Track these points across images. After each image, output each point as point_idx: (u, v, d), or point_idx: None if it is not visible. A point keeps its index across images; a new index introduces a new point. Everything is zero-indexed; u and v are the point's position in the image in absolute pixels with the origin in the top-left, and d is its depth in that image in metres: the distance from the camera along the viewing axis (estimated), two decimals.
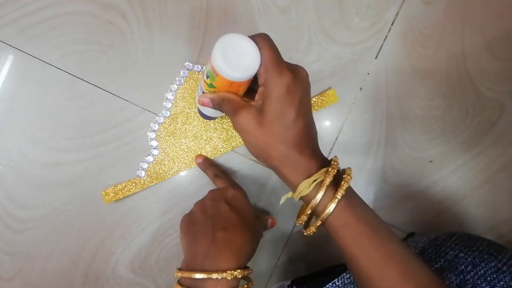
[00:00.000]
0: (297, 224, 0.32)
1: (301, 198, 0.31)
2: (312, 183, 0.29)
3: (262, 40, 0.30)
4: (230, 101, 0.32)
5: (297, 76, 0.30)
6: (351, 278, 0.40)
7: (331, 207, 0.29)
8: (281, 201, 0.33)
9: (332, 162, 0.30)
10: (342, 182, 0.29)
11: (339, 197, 0.29)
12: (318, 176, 0.29)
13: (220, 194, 0.38)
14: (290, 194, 0.32)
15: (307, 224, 0.32)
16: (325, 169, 0.30)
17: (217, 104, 0.33)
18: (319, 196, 0.29)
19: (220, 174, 0.44)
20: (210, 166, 0.46)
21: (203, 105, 0.34)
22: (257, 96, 0.31)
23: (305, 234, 0.31)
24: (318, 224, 0.30)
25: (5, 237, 0.46)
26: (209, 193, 0.40)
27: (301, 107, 0.30)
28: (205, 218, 0.36)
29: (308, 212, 0.30)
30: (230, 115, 0.32)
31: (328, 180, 0.29)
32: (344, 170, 0.31)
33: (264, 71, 0.30)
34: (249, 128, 0.30)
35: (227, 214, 0.36)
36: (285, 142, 0.30)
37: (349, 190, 0.31)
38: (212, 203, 0.37)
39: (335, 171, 0.29)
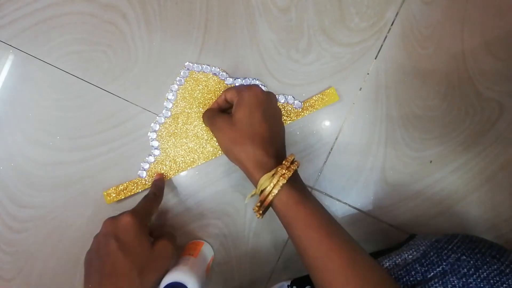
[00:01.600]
0: (253, 211, 0.36)
1: (261, 192, 0.34)
2: (272, 176, 0.34)
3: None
4: (208, 111, 0.43)
5: (265, 91, 0.39)
6: None
7: (275, 191, 0.33)
8: (246, 201, 0.40)
9: (287, 157, 0.35)
10: (286, 171, 0.33)
11: (281, 183, 0.33)
12: (275, 169, 0.34)
13: (112, 227, 0.38)
14: (253, 192, 0.36)
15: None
16: (282, 164, 0.34)
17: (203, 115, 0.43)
18: (272, 184, 0.33)
19: (149, 197, 0.43)
20: (156, 184, 0.45)
21: None
22: (232, 109, 0.39)
23: (257, 217, 0.36)
24: (266, 206, 0.34)
25: (5, 237, 0.46)
26: (104, 224, 0.39)
27: (266, 114, 0.37)
28: (95, 259, 0.37)
29: (261, 199, 0.34)
30: (209, 120, 0.40)
31: (280, 171, 0.33)
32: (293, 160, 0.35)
33: (237, 90, 0.39)
34: (223, 126, 0.38)
35: (115, 255, 0.36)
36: (252, 138, 0.36)
37: (302, 186, 0.37)
38: (104, 239, 0.37)
39: (288, 164, 0.34)
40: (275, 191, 0.33)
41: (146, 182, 0.46)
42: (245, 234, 0.50)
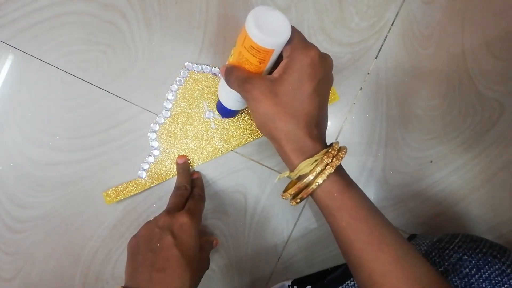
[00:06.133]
0: (282, 198, 0.32)
1: (298, 177, 0.31)
2: (314, 163, 0.29)
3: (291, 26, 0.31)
4: (241, 70, 0.32)
5: (323, 57, 0.31)
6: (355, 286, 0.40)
7: (319, 181, 0.29)
8: (276, 180, 0.35)
9: (333, 145, 0.30)
10: (334, 159, 0.29)
11: (328, 172, 0.29)
12: (320, 156, 0.29)
13: (169, 222, 0.37)
14: (287, 173, 0.32)
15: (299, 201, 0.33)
16: (325, 150, 0.30)
17: (230, 70, 0.32)
18: (315, 173, 0.29)
19: (183, 189, 0.43)
20: (183, 172, 0.45)
21: (222, 72, 0.34)
22: (277, 69, 0.31)
23: (290, 204, 0.32)
24: (305, 196, 0.30)
25: (5, 237, 0.46)
26: (161, 216, 0.38)
27: (319, 87, 0.30)
28: (148, 250, 0.36)
29: (297, 189, 0.30)
30: (240, 83, 0.31)
31: (325, 160, 0.29)
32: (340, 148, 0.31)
33: (291, 45, 0.30)
34: (261, 96, 0.30)
35: (170, 251, 0.35)
36: (296, 116, 0.29)
37: (346, 174, 0.32)
38: (159, 232, 0.37)
39: (335, 152, 0.30)
40: (320, 180, 0.29)
41: (146, 183, 0.46)
42: (245, 234, 0.50)
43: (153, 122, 0.46)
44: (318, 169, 0.29)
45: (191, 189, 0.44)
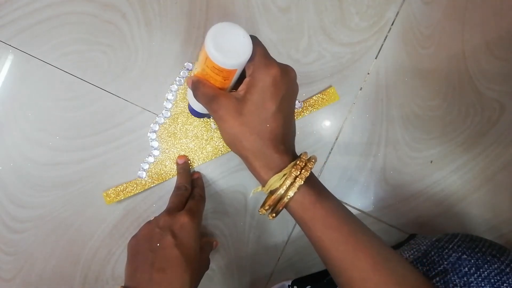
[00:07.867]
0: (260, 213, 0.32)
1: (270, 192, 0.31)
2: (283, 177, 0.30)
3: (253, 38, 0.31)
4: (207, 87, 0.32)
5: (284, 73, 0.31)
6: None
7: (291, 194, 0.29)
8: (251, 195, 0.35)
9: (301, 156, 0.31)
10: (303, 171, 0.29)
11: (298, 185, 0.29)
12: (288, 170, 0.30)
13: (170, 222, 0.37)
14: (259, 188, 0.32)
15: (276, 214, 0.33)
16: (293, 163, 0.30)
17: (196, 84, 0.33)
18: (285, 186, 0.29)
19: (183, 189, 0.43)
20: (183, 173, 0.45)
21: (188, 84, 0.34)
22: (241, 86, 0.31)
23: (269, 219, 0.32)
24: (280, 209, 0.31)
25: (5, 237, 0.46)
26: (161, 216, 0.38)
27: (283, 103, 0.31)
28: (148, 250, 0.36)
29: (271, 203, 0.30)
30: (207, 101, 0.32)
31: (294, 173, 0.29)
32: (309, 158, 0.31)
33: (253, 63, 0.30)
34: (227, 116, 0.30)
35: (170, 251, 0.35)
36: (261, 134, 0.30)
37: (317, 184, 0.32)
38: (160, 232, 0.37)
39: (303, 164, 0.30)
40: (291, 193, 0.29)
41: (146, 183, 0.46)
42: (245, 235, 0.50)
43: (153, 122, 0.46)
44: (288, 182, 0.29)
45: (191, 189, 0.44)
